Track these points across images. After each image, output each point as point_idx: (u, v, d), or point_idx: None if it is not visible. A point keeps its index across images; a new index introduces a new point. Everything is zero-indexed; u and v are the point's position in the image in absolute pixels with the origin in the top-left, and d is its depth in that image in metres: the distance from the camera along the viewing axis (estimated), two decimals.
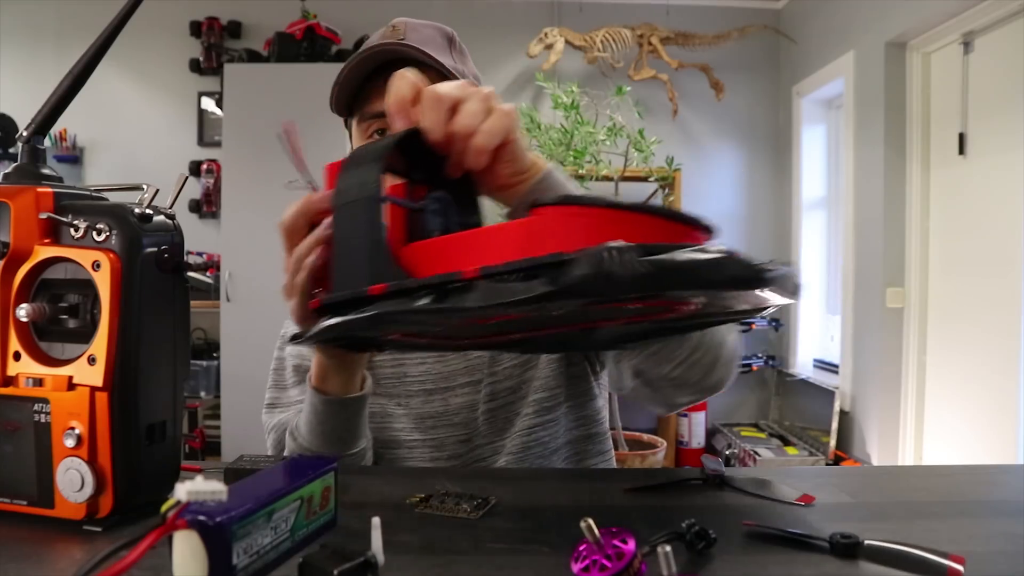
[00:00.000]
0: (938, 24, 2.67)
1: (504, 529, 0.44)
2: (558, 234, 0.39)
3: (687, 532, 0.39)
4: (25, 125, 0.46)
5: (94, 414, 0.42)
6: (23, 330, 0.43)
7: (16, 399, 0.42)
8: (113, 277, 0.42)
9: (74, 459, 0.41)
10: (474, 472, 0.58)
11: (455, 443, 0.82)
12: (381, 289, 0.44)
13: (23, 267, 0.42)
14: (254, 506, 0.33)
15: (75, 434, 0.41)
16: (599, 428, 0.89)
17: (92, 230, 0.42)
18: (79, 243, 0.43)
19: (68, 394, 0.42)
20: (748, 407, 3.86)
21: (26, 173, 0.45)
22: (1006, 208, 2.40)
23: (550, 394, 0.84)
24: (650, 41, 3.68)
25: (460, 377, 0.84)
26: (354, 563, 0.34)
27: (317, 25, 3.44)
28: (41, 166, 0.46)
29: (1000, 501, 0.52)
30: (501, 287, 0.37)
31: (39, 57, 3.70)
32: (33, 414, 0.42)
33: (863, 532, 0.40)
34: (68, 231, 0.42)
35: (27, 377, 0.42)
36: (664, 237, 0.39)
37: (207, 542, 0.31)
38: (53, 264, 0.43)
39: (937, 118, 2.82)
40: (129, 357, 0.43)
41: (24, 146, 0.45)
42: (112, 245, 0.42)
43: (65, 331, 0.43)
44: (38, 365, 0.43)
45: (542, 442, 0.83)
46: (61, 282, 0.43)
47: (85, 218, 0.42)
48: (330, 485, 0.42)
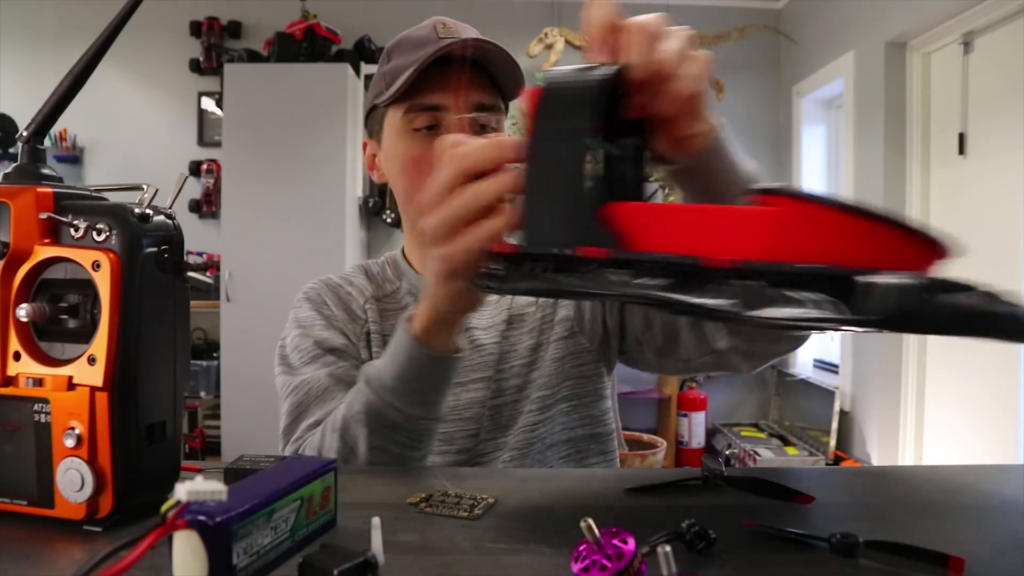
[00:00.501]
0: (938, 24, 2.67)
1: (504, 529, 0.44)
2: (807, 234, 0.35)
3: (687, 532, 0.39)
4: (25, 125, 0.45)
5: (94, 414, 0.41)
6: (23, 330, 0.43)
7: (16, 399, 0.42)
8: (113, 277, 0.42)
9: (74, 459, 0.41)
10: (474, 472, 0.58)
11: (464, 437, 0.83)
12: (597, 253, 0.40)
13: (23, 267, 0.42)
14: (254, 506, 0.33)
15: (75, 434, 0.41)
16: (604, 428, 0.89)
17: (92, 230, 0.42)
18: (79, 243, 0.42)
19: (68, 394, 0.42)
20: (748, 407, 3.86)
21: (26, 173, 0.44)
22: (1006, 208, 2.40)
23: (549, 392, 0.85)
24: None
25: (473, 373, 0.85)
26: (354, 563, 0.34)
27: (317, 25, 3.44)
28: (41, 166, 0.45)
29: (1000, 501, 0.52)
30: (757, 288, 0.34)
31: (39, 57, 3.70)
32: (33, 414, 0.42)
33: (863, 532, 0.40)
34: (68, 231, 0.42)
35: (27, 377, 0.42)
36: (911, 253, 0.35)
37: (207, 542, 0.31)
38: (53, 264, 0.43)
39: (937, 118, 2.82)
40: (129, 357, 0.43)
41: (24, 146, 0.45)
42: (112, 245, 0.42)
43: (65, 331, 0.43)
44: (38, 365, 0.43)
45: (540, 438, 0.83)
46: (61, 282, 0.43)
47: (85, 218, 0.42)
48: (330, 485, 0.42)
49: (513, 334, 0.87)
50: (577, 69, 0.46)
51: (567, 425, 0.86)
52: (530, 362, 0.86)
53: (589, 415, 0.87)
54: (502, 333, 0.87)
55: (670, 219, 0.40)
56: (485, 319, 0.88)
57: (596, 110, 0.43)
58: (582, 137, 0.43)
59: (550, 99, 0.45)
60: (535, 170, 0.45)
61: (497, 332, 0.87)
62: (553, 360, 0.86)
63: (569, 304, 0.88)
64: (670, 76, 0.48)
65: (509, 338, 0.87)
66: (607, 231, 0.41)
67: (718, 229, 0.37)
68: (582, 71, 0.46)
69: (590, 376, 0.87)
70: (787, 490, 0.50)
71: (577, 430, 0.86)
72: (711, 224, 0.38)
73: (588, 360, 0.87)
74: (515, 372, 0.86)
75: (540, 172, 0.45)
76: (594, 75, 0.45)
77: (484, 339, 0.87)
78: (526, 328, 0.88)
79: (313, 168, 3.24)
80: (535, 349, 0.87)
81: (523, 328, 0.88)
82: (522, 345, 0.87)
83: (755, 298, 0.34)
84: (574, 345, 0.87)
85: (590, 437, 0.87)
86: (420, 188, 0.80)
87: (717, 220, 0.38)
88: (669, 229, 0.39)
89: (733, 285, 0.35)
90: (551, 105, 0.45)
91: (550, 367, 0.86)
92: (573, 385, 0.86)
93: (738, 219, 0.37)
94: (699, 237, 0.38)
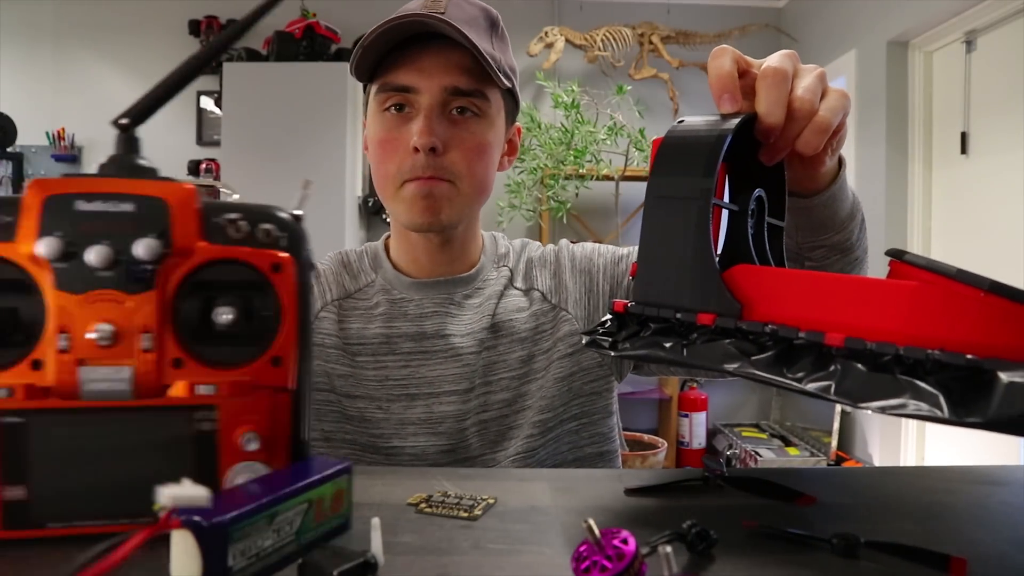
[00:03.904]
0: (940, 23, 2.67)
1: (504, 529, 0.44)
2: (946, 314, 0.33)
3: (688, 533, 0.39)
4: (122, 113, 0.41)
5: (276, 416, 0.40)
6: (185, 335, 0.40)
7: (176, 409, 0.39)
8: (293, 279, 0.41)
9: (252, 463, 0.40)
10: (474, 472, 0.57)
11: (437, 453, 0.77)
12: (722, 322, 0.38)
13: (183, 268, 0.39)
14: (253, 508, 0.33)
15: (255, 437, 0.39)
16: (611, 446, 0.85)
17: (257, 230, 0.40)
18: (242, 243, 0.40)
19: (243, 398, 0.39)
20: (749, 407, 3.86)
21: (123, 165, 0.41)
22: (1008, 207, 2.40)
23: (552, 414, 0.79)
24: (651, 40, 3.68)
25: (446, 384, 0.79)
26: (354, 563, 0.34)
27: (316, 24, 3.44)
28: (136, 157, 0.42)
29: (1001, 502, 0.51)
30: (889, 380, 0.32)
31: (37, 57, 3.70)
32: (195, 423, 0.39)
33: (864, 532, 0.40)
34: (226, 231, 0.40)
35: (192, 383, 0.39)
36: None
37: (201, 543, 0.31)
38: (214, 265, 0.40)
39: (939, 117, 2.82)
40: (306, 357, 0.42)
41: (120, 136, 0.42)
42: (284, 246, 0.41)
43: (230, 335, 0.40)
44: (206, 370, 0.40)
45: (540, 461, 0.78)
46: (224, 284, 0.40)
47: (243, 217, 0.40)
48: (343, 488, 0.40)
49: (500, 343, 0.80)
50: (707, 120, 0.44)
51: (575, 444, 0.81)
52: (522, 375, 0.80)
53: (598, 432, 0.83)
54: (483, 342, 0.80)
55: (797, 287, 0.38)
56: (463, 325, 0.81)
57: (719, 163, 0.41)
58: (711, 194, 0.40)
59: (674, 151, 0.43)
60: (655, 226, 0.43)
61: (476, 340, 0.80)
62: (557, 380, 0.80)
63: (574, 317, 0.82)
64: (809, 114, 0.46)
65: (495, 347, 0.80)
66: (732, 297, 0.39)
67: (849, 302, 0.35)
68: (714, 122, 0.44)
69: (600, 392, 0.83)
70: (788, 491, 0.50)
71: (585, 448, 0.82)
72: (841, 296, 0.36)
73: (599, 375, 0.82)
74: (503, 385, 0.79)
75: (660, 228, 0.42)
76: (726, 126, 0.43)
77: (463, 347, 0.79)
78: (516, 337, 0.81)
79: (312, 167, 3.23)
80: (526, 361, 0.80)
81: (511, 337, 0.81)
82: (512, 356, 0.80)
83: (881, 388, 0.33)
84: (584, 360, 0.81)
85: (597, 456, 0.83)
86: (385, 171, 0.78)
87: (850, 292, 0.36)
88: (796, 298, 0.37)
89: (858, 370, 0.34)
90: (676, 157, 0.42)
91: (553, 387, 0.79)
92: (583, 403, 0.81)
93: (874, 293, 0.35)
94: (827, 309, 0.36)
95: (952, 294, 0.33)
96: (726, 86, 0.46)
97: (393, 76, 0.76)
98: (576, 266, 0.87)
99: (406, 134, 0.76)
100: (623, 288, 0.85)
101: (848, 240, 0.66)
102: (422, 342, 0.80)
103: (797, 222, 0.63)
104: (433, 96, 0.75)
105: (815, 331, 0.35)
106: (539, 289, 0.85)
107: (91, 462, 0.38)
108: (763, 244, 0.49)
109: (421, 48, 0.75)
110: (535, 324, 0.82)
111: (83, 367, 0.37)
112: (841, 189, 0.62)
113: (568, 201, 3.20)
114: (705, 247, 0.40)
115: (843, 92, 0.49)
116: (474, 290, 0.84)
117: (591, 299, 0.84)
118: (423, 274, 0.84)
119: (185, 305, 0.39)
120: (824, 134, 0.47)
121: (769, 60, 0.47)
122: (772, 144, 0.48)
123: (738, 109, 0.46)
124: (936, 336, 0.33)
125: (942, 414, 0.31)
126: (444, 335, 0.80)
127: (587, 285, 0.85)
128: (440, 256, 0.84)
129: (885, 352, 0.33)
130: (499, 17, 0.82)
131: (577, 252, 0.89)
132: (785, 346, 0.37)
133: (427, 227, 0.79)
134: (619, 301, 0.45)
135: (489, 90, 0.78)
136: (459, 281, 0.84)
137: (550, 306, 0.84)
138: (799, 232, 0.64)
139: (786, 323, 0.37)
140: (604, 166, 3.17)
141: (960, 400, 0.31)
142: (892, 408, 0.32)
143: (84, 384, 0.37)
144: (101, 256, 0.37)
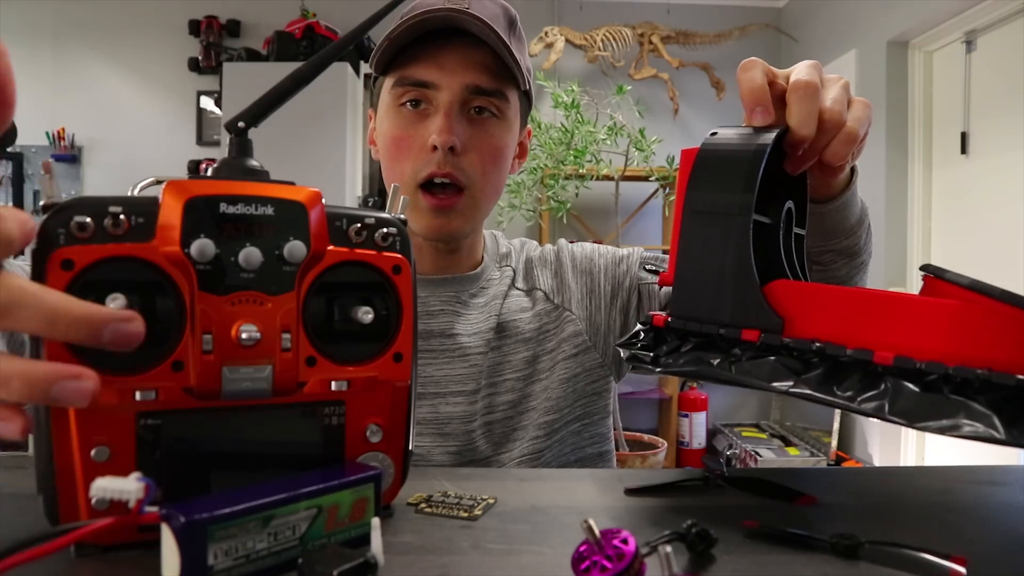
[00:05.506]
0: (940, 23, 2.67)
1: (504, 529, 0.44)
2: (990, 334, 0.33)
3: (688, 533, 0.39)
4: (236, 116, 0.42)
5: (397, 408, 0.43)
6: (315, 334, 0.41)
7: (310, 405, 0.41)
8: (410, 279, 0.43)
9: (376, 453, 0.43)
10: (474, 472, 0.57)
11: (442, 454, 0.75)
12: (767, 338, 0.38)
13: (315, 270, 0.41)
14: (240, 509, 0.33)
15: (378, 429, 0.42)
16: (609, 446, 0.85)
17: (375, 234, 0.42)
18: (362, 246, 0.42)
19: (370, 392, 0.42)
20: (749, 407, 3.86)
21: (235, 168, 0.42)
22: (1008, 207, 2.40)
23: (558, 416, 0.78)
24: (651, 40, 3.68)
25: (453, 384, 0.77)
26: (354, 563, 0.34)
27: (316, 24, 3.44)
28: (248, 159, 0.42)
29: (1002, 501, 0.51)
30: (940, 399, 0.32)
31: (37, 57, 3.70)
32: (324, 418, 0.41)
33: (864, 532, 0.40)
34: (348, 234, 0.42)
35: (324, 380, 0.40)
36: None
37: (178, 539, 0.31)
38: (340, 267, 0.42)
39: (939, 117, 2.82)
40: (416, 352, 0.45)
41: (233, 139, 0.42)
42: (399, 249, 0.43)
43: (353, 332, 0.42)
44: (337, 368, 0.41)
45: (546, 463, 0.78)
46: (347, 285, 0.42)
47: (361, 221, 0.42)
48: (367, 497, 0.39)
49: (506, 344, 0.79)
50: (740, 132, 0.44)
51: (577, 445, 0.81)
52: (527, 376, 0.79)
53: (598, 433, 0.83)
54: (490, 343, 0.79)
55: (837, 304, 0.38)
56: (470, 324, 0.79)
57: (758, 178, 0.41)
58: (752, 209, 0.40)
59: (712, 164, 0.42)
60: (693, 240, 0.43)
61: (483, 341, 0.79)
62: (562, 381, 0.79)
63: (578, 317, 0.82)
64: (838, 125, 0.46)
65: (500, 348, 0.79)
66: (774, 313, 0.39)
67: (891, 319, 0.35)
68: (748, 135, 0.44)
69: (600, 392, 0.83)
70: (788, 491, 0.50)
71: (587, 449, 0.82)
72: (883, 313, 0.36)
73: (600, 376, 0.82)
74: (508, 386, 0.78)
75: (700, 243, 0.42)
76: (762, 140, 0.43)
77: (470, 347, 0.78)
78: (520, 338, 0.80)
79: (313, 167, 3.23)
80: (531, 362, 0.79)
81: (516, 338, 0.80)
82: (517, 357, 0.79)
83: (935, 408, 0.33)
84: (587, 361, 0.81)
85: (597, 456, 0.83)
86: (400, 170, 0.76)
87: (891, 309, 0.36)
88: (836, 314, 0.37)
89: (909, 389, 0.33)
90: (714, 171, 0.42)
91: (558, 389, 0.79)
92: (586, 404, 0.81)
93: (916, 311, 0.35)
94: (868, 326, 0.36)
95: (995, 313, 0.33)
96: (759, 99, 0.46)
97: (412, 70, 0.74)
98: (577, 266, 0.87)
99: (423, 131, 0.75)
100: (624, 290, 0.85)
101: (856, 245, 0.67)
102: (429, 340, 0.79)
103: (808, 228, 0.63)
104: (453, 93, 0.74)
105: (863, 349, 0.35)
106: (541, 289, 0.84)
107: (226, 461, 0.39)
108: (792, 256, 0.49)
109: (442, 44, 0.74)
110: (539, 324, 0.82)
111: (225, 367, 0.37)
112: (853, 195, 0.62)
113: (568, 201, 3.20)
114: (746, 263, 0.40)
115: (866, 102, 0.49)
116: (479, 289, 0.83)
117: (592, 299, 0.84)
118: (428, 271, 0.83)
119: (313, 305, 0.40)
120: (852, 144, 0.48)
121: (798, 72, 0.48)
122: (800, 155, 0.48)
123: (771, 122, 0.46)
124: (979, 356, 0.33)
125: (999, 435, 0.31)
126: (451, 334, 0.79)
127: (588, 285, 0.85)
128: (447, 258, 0.83)
129: (934, 371, 0.33)
130: (517, 16, 0.79)
131: (577, 252, 0.88)
132: (832, 364, 0.37)
133: (438, 238, 0.79)
134: (658, 315, 0.45)
135: (509, 90, 0.77)
136: (465, 279, 0.83)
137: (553, 306, 0.83)
138: (809, 237, 0.65)
139: (828, 339, 0.37)
140: (604, 166, 3.17)
141: (1012, 420, 0.32)
142: (948, 429, 0.32)
143: (226, 384, 0.37)
144: (249, 258, 0.38)
